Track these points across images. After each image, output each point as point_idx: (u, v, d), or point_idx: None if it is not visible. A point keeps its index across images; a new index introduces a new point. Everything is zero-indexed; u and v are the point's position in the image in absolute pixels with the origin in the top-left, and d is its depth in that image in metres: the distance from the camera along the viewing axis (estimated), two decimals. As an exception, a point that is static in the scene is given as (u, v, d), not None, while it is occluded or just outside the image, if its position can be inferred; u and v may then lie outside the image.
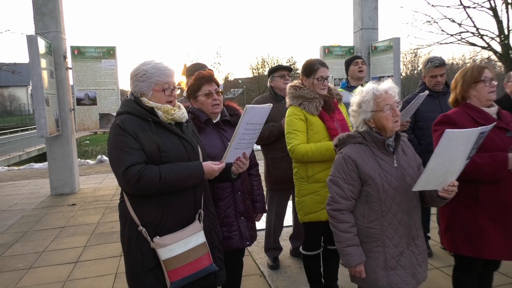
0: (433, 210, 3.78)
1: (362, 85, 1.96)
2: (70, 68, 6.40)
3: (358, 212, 1.83)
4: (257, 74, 31.66)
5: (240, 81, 35.08)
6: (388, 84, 1.84)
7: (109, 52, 6.45)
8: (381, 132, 1.84)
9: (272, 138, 3.10)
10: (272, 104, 1.83)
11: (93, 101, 6.45)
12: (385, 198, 1.77)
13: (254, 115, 1.75)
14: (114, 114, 6.16)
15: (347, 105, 2.11)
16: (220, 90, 2.28)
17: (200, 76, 2.25)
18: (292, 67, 4.60)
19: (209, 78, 2.23)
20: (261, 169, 3.02)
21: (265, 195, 2.83)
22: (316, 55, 7.58)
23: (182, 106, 1.92)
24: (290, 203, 3.47)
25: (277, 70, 3.32)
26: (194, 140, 1.89)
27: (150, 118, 1.73)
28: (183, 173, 1.69)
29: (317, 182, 2.41)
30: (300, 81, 2.58)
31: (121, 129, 1.68)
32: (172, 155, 1.73)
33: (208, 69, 3.26)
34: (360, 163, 1.80)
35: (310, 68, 2.51)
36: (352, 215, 1.83)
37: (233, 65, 58.95)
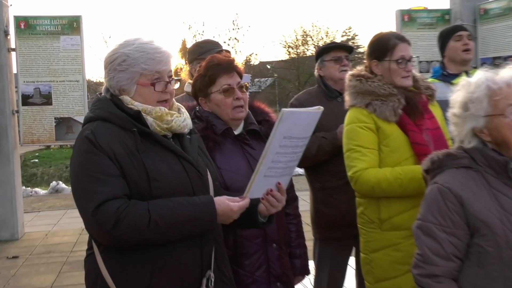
0: None
1: (467, 73, 1.94)
2: (13, 50, 6.64)
3: (466, 280, 1.81)
4: (295, 55, 31.91)
5: (269, 67, 35.44)
6: (511, 72, 1.83)
7: (72, 25, 6.66)
8: (502, 149, 1.83)
9: (322, 157, 3.11)
10: (322, 107, 1.83)
11: (46, 99, 6.63)
12: (511, 258, 1.73)
13: (295, 124, 1.75)
14: (79, 119, 6.29)
15: (444, 104, 2.09)
16: (246, 83, 2.31)
17: (214, 63, 2.28)
18: (352, 45, 4.59)
19: (228, 66, 2.27)
20: (304, 205, 3.01)
21: (309, 247, 2.82)
22: (390, 25, 7.53)
23: (183, 109, 1.95)
24: (352, 261, 3.44)
25: (329, 50, 3.34)
26: (202, 161, 1.92)
27: (135, 127, 1.77)
28: (184, 214, 1.71)
29: (396, 230, 2.40)
30: (366, 67, 2.59)
31: (92, 144, 1.72)
32: (167, 185, 1.76)
33: (225, 50, 3.32)
34: (467, 200, 1.78)
35: (383, 45, 2.52)
36: (455, 284, 1.81)
37: (257, 41, 59.68)
